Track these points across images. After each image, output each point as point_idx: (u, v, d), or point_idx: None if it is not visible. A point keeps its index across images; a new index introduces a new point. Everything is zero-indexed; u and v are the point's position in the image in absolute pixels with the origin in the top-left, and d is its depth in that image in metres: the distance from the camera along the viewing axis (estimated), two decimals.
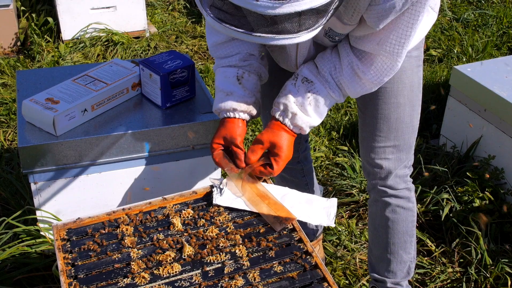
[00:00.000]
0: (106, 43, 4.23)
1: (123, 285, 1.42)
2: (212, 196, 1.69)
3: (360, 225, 2.75)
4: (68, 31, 4.19)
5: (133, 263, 1.47)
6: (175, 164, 2.16)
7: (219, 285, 1.44)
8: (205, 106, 2.17)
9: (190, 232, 1.58)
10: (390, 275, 2.09)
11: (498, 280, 2.42)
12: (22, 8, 4.39)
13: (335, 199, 1.73)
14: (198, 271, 1.47)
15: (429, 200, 2.78)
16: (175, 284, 1.43)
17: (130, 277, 1.44)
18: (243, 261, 1.50)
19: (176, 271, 1.46)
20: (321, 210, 1.70)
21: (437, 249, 2.60)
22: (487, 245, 2.53)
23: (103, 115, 2.10)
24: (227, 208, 1.67)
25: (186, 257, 1.50)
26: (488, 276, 2.43)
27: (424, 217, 2.75)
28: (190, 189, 1.73)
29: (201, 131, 2.10)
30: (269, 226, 1.61)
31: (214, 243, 1.55)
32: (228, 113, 1.68)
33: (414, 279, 2.46)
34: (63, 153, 1.98)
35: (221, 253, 1.52)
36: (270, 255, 1.52)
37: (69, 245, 1.53)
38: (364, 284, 2.42)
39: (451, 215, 2.68)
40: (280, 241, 1.57)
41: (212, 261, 1.50)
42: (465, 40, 4.40)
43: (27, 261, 2.24)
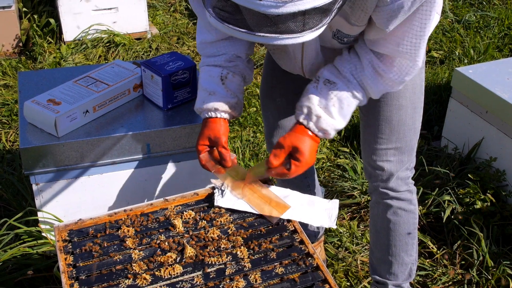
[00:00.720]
0: (108, 45, 4.24)
1: (124, 286, 1.42)
2: (214, 198, 1.69)
3: (362, 227, 2.74)
4: (70, 32, 4.19)
5: (135, 264, 1.47)
6: (177, 165, 2.16)
7: (220, 287, 1.44)
8: None
9: (192, 234, 1.58)
10: (392, 277, 2.09)
11: (500, 282, 2.42)
12: (24, 9, 4.40)
13: (337, 201, 1.73)
14: (199, 273, 1.47)
15: (431, 202, 2.77)
16: (176, 286, 1.43)
17: (131, 278, 1.44)
18: (245, 263, 1.50)
19: (177, 273, 1.46)
20: (323, 212, 1.69)
21: (439, 251, 2.59)
22: (489, 247, 2.53)
23: (105, 116, 2.10)
24: (229, 210, 1.67)
25: (187, 259, 1.50)
26: (490, 278, 2.42)
27: (426, 219, 2.75)
28: (192, 191, 1.73)
29: None
30: (271, 228, 1.61)
31: (215, 245, 1.55)
32: (210, 113, 1.68)
33: (416, 281, 2.46)
34: (65, 154, 1.98)
35: (223, 255, 1.52)
36: (272, 257, 1.52)
37: (71, 246, 1.53)
38: (366, 286, 2.42)
39: (453, 217, 2.67)
40: (282, 243, 1.57)
41: (213, 263, 1.50)
42: (467, 42, 4.39)
43: (29, 262, 2.23)
